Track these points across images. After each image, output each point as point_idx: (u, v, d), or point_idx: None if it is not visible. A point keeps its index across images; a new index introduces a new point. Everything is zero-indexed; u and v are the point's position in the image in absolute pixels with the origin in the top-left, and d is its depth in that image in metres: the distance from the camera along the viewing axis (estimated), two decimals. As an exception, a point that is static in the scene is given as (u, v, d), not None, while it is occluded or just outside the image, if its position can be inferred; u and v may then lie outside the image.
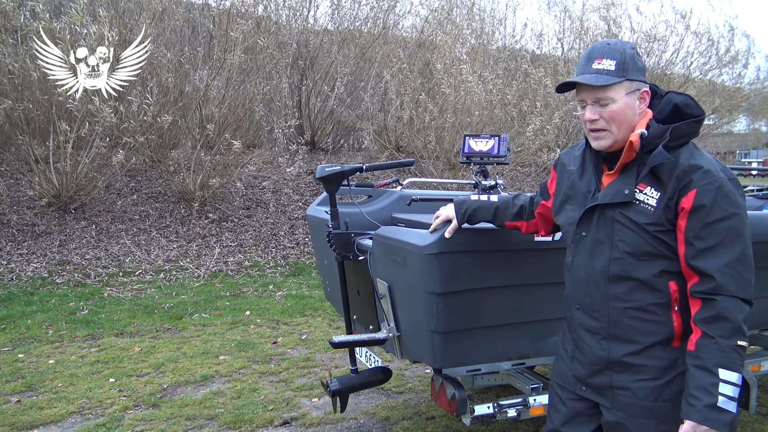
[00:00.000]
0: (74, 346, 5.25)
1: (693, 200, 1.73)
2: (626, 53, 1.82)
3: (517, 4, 20.48)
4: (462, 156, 3.57)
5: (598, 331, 1.93)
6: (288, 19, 11.58)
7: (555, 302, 2.66)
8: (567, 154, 2.13)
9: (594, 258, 1.91)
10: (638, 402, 1.87)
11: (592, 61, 1.84)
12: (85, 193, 8.51)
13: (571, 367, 2.06)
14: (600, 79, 1.80)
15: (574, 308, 2.01)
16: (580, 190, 1.98)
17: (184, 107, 9.12)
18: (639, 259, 1.82)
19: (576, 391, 2.04)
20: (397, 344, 2.81)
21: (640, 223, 1.80)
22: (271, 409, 3.99)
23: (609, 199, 1.86)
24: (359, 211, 3.33)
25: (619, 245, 1.84)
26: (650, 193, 1.80)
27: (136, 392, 4.26)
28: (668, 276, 1.81)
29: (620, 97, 1.81)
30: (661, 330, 1.84)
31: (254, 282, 7.54)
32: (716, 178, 1.74)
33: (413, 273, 2.49)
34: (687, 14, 13.41)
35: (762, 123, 28.00)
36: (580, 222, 1.95)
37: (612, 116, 1.82)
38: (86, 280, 7.21)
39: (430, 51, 11.44)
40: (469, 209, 2.33)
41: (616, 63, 1.80)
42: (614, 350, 1.90)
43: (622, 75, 1.80)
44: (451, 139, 10.31)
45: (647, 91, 1.85)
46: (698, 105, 1.88)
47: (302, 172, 10.38)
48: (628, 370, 1.88)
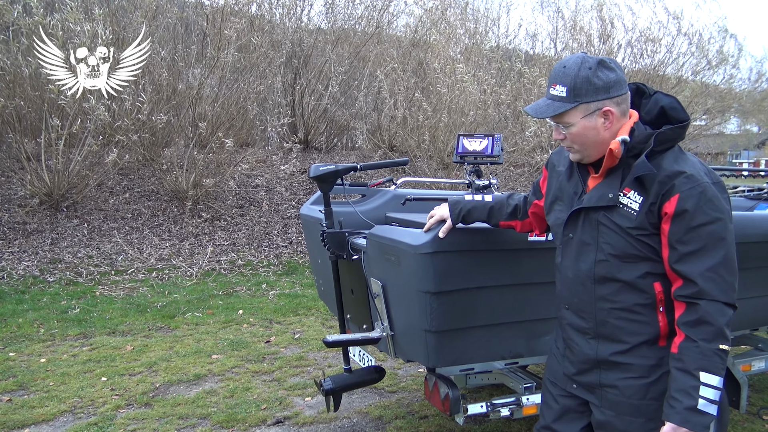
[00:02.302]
0: (66, 345, 5.22)
1: (676, 205, 1.74)
2: (579, 77, 1.80)
3: (511, 4, 20.61)
4: (456, 155, 3.58)
5: (587, 331, 1.95)
6: (282, 17, 11.57)
7: (548, 302, 2.67)
8: (557, 155, 2.14)
9: (580, 259, 1.93)
10: (626, 400, 1.89)
11: (550, 85, 1.86)
12: (77, 192, 8.46)
13: (562, 365, 2.08)
14: (548, 110, 1.84)
15: (563, 308, 2.03)
16: (568, 191, 2.00)
17: (177, 105, 9.09)
18: (623, 261, 1.84)
19: (567, 388, 2.06)
20: (391, 343, 2.81)
21: (624, 226, 1.82)
22: (264, 408, 3.98)
23: (594, 202, 1.88)
24: (353, 210, 3.33)
25: (604, 247, 1.86)
26: (634, 197, 1.81)
27: (128, 391, 4.25)
28: (653, 277, 1.83)
29: (576, 121, 1.83)
30: (647, 330, 1.86)
31: (247, 281, 7.53)
32: (699, 182, 1.75)
33: (407, 272, 2.49)
34: (679, 15, 13.50)
35: (753, 124, 28.18)
36: (566, 224, 1.97)
37: (573, 138, 1.86)
38: (78, 278, 7.17)
39: (424, 50, 11.45)
40: (463, 209, 2.32)
41: (566, 89, 1.81)
42: (602, 349, 1.92)
43: (575, 100, 1.80)
44: (445, 138, 10.32)
45: (609, 110, 1.82)
46: (684, 109, 1.88)
47: (296, 170, 10.37)
48: (616, 368, 1.90)
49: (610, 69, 1.81)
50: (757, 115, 18.99)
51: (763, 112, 19.00)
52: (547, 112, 1.83)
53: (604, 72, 1.81)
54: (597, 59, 1.82)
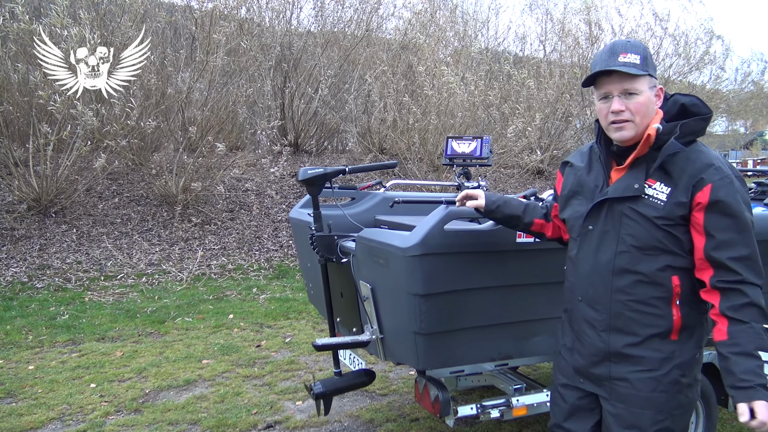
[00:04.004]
0: (54, 352, 5.18)
1: (709, 195, 1.80)
2: (647, 51, 1.91)
3: (500, 7, 20.63)
4: (445, 158, 3.58)
5: (600, 323, 1.99)
6: (271, 21, 11.56)
7: (537, 303, 2.69)
8: (574, 156, 2.21)
9: (600, 251, 1.97)
10: (636, 392, 1.93)
11: (617, 55, 1.89)
12: (66, 197, 8.41)
13: (570, 359, 2.11)
14: (632, 69, 1.85)
15: (576, 300, 2.06)
16: (588, 185, 2.04)
17: (166, 110, 9.05)
18: (644, 253, 1.89)
19: (575, 384, 2.10)
20: (381, 346, 2.81)
21: (649, 216, 1.87)
22: (255, 413, 3.97)
23: (619, 193, 1.92)
24: (342, 213, 3.33)
25: (626, 239, 1.91)
26: (660, 188, 1.86)
27: (117, 397, 4.22)
28: (672, 271, 1.88)
29: (645, 90, 1.88)
30: (661, 323, 1.91)
31: (237, 285, 7.50)
32: (727, 174, 1.83)
33: (396, 275, 2.49)
34: (665, 17, 13.60)
35: (740, 124, 28.43)
36: (587, 216, 2.01)
37: (637, 108, 1.88)
38: (67, 284, 7.12)
39: (414, 53, 11.47)
40: (500, 200, 2.31)
41: (640, 57, 1.87)
42: (614, 342, 1.96)
43: (646, 69, 1.87)
44: (435, 140, 10.34)
45: (662, 89, 1.94)
46: (705, 104, 1.96)
47: (285, 174, 10.35)
48: (627, 361, 1.94)
49: None
50: (743, 115, 19.14)
51: (750, 112, 19.14)
52: (632, 71, 1.85)
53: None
54: None
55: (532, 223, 2.31)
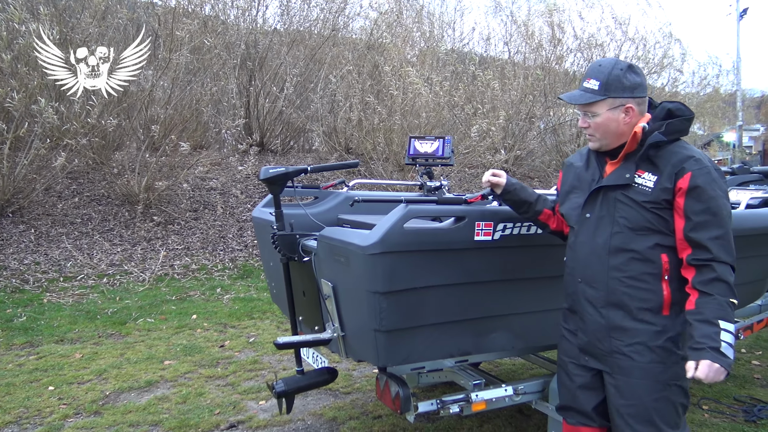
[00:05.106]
0: (11, 354, 5.07)
1: (689, 182, 2.07)
2: (611, 75, 2.17)
3: (465, 8, 20.80)
4: (408, 157, 3.62)
5: (598, 300, 2.24)
6: (236, 18, 11.46)
7: (495, 300, 2.74)
8: (574, 157, 2.51)
9: (597, 234, 2.24)
10: (634, 363, 2.17)
11: (585, 79, 2.24)
12: (24, 196, 8.21)
13: (575, 340, 2.36)
14: (581, 98, 2.21)
15: (576, 282, 2.32)
16: (585, 179, 2.34)
17: (128, 108, 8.91)
18: (636, 233, 2.16)
19: (580, 362, 2.32)
20: (342, 344, 2.84)
21: (639, 201, 2.15)
22: (218, 413, 3.95)
23: (612, 181, 2.22)
24: (305, 213, 3.34)
25: (620, 221, 2.19)
26: (648, 177, 2.15)
27: (76, 400, 4.15)
28: (661, 249, 2.15)
29: (602, 112, 2.19)
30: (653, 297, 2.16)
31: (201, 285, 7.43)
32: (706, 165, 2.10)
33: (356, 273, 2.52)
34: (625, 21, 13.89)
35: (698, 126, 29.17)
36: (585, 204, 2.29)
37: (596, 127, 2.23)
38: (24, 285, 6.96)
39: (380, 53, 11.50)
40: (518, 185, 2.55)
41: (599, 84, 2.18)
42: (612, 316, 2.21)
43: (604, 94, 2.18)
44: (400, 140, 10.37)
45: (631, 107, 2.18)
46: (688, 108, 2.24)
47: (251, 173, 10.28)
48: (625, 334, 2.19)
49: (637, 74, 2.22)
50: (700, 117, 19.66)
51: (707, 114, 19.69)
52: (580, 100, 2.21)
53: (632, 75, 2.20)
54: (627, 64, 2.23)
55: (540, 212, 2.55)
